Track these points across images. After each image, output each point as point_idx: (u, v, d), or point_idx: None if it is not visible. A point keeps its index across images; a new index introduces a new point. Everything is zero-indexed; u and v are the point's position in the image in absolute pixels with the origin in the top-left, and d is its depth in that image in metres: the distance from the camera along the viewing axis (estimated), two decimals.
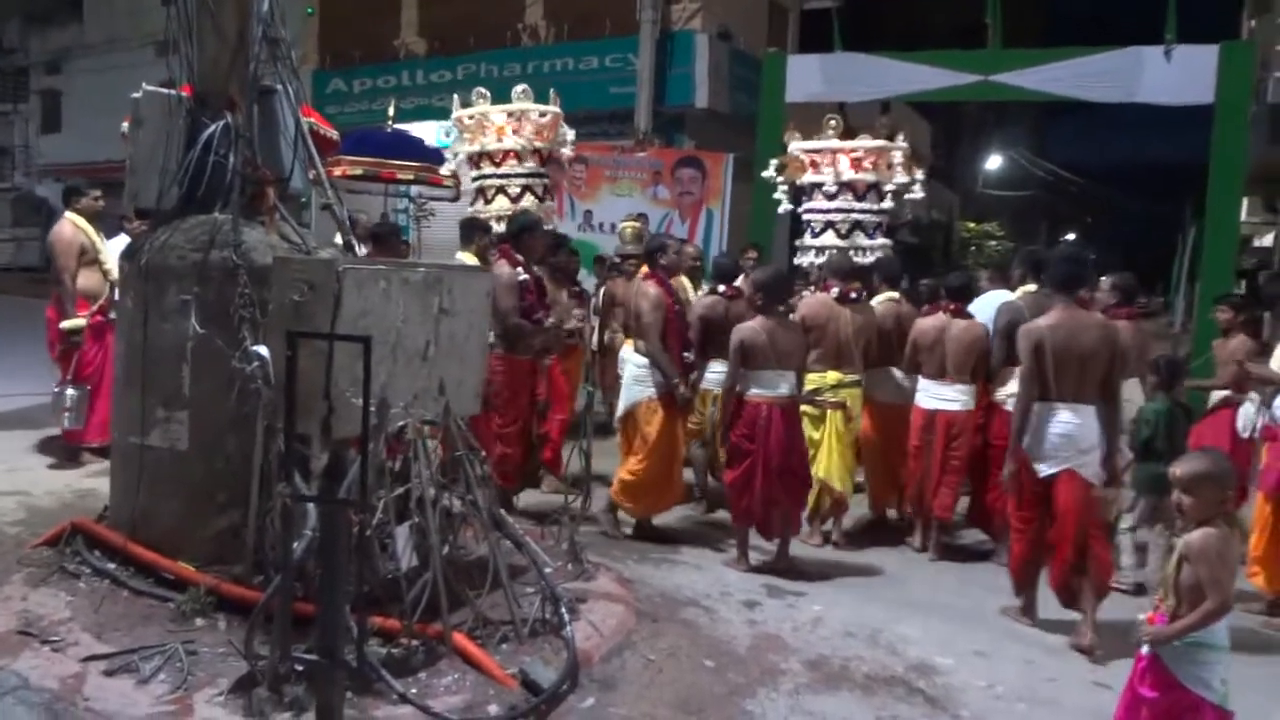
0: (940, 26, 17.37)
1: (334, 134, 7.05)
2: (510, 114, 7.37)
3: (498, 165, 7.36)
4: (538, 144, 7.36)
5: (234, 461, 4.07)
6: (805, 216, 7.41)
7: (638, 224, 8.68)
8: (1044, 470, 4.63)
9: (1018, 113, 29.07)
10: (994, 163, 27.67)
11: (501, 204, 7.31)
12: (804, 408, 5.76)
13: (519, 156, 7.35)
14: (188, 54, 4.44)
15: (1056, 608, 4.76)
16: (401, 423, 3.62)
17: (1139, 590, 5.34)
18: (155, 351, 4.30)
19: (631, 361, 5.91)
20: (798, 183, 7.27)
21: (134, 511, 4.38)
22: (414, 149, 9.56)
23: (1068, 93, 11.82)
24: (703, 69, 15.76)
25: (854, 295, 6.27)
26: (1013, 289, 6.38)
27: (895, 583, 5.51)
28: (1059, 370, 4.59)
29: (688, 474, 6.63)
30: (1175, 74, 11.17)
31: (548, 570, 3.98)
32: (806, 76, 13.44)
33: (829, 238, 6.99)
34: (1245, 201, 17.02)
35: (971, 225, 25.30)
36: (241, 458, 3.99)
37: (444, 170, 8.20)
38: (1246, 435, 5.89)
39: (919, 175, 7.36)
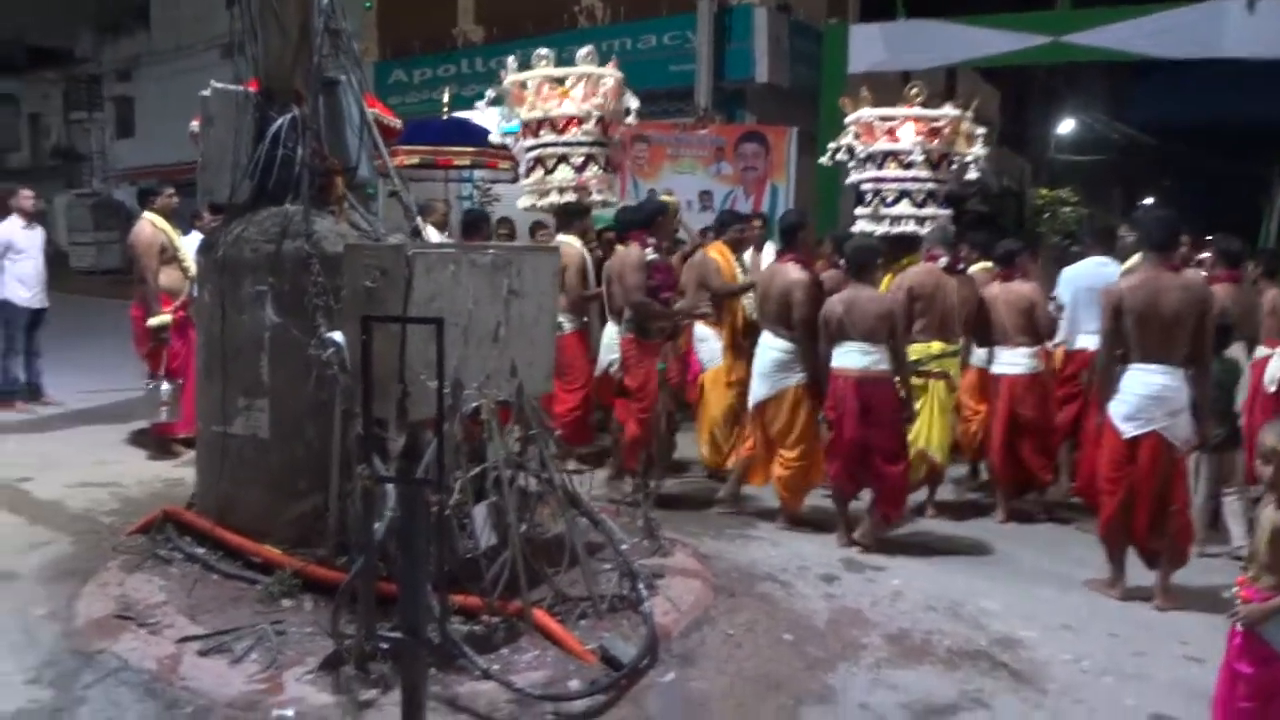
0: None
1: (397, 123, 7.09)
2: (573, 78, 7.06)
3: (560, 132, 7.05)
4: (598, 111, 7.06)
5: (314, 447, 4.16)
6: (871, 186, 7.22)
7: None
8: (1129, 431, 4.53)
9: (1091, 74, 28.16)
10: (1067, 127, 26.88)
11: (564, 174, 7.05)
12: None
13: (582, 122, 7.04)
14: (253, 51, 4.52)
15: (1145, 575, 4.64)
16: (475, 403, 3.64)
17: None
18: (234, 342, 4.41)
19: (774, 348, 5.68)
20: (865, 151, 7.06)
21: (220, 498, 4.52)
22: (470, 134, 9.60)
23: (1144, 50, 11.43)
24: (762, 43, 15.55)
25: (960, 266, 6.30)
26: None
27: (978, 553, 5.42)
28: (1142, 331, 4.48)
29: None
30: (1260, 26, 10.73)
31: (624, 547, 3.99)
32: (869, 46, 13.24)
33: (904, 207, 6.82)
34: None
35: (1045, 192, 24.62)
36: (321, 443, 4.06)
37: (494, 139, 8.02)
38: (1272, 389, 5.89)
39: (979, 148, 7.23)
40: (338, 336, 3.78)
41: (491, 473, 3.63)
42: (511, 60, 7.38)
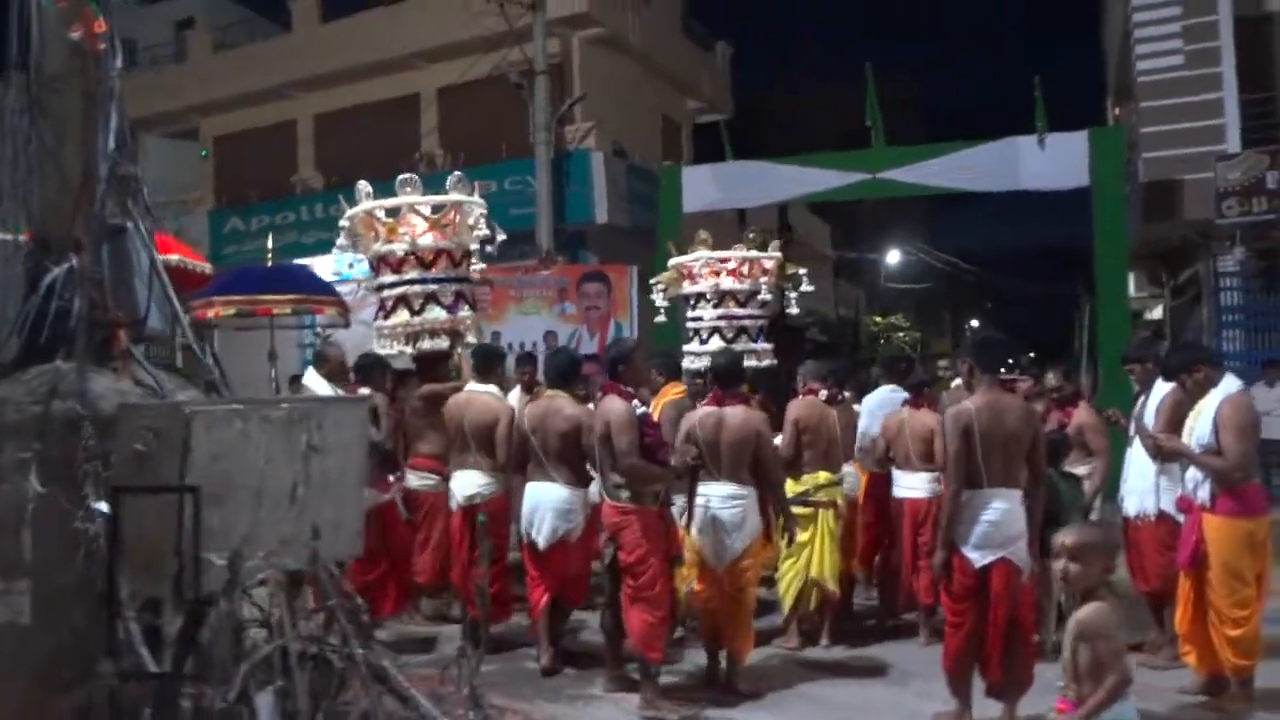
0: (827, 132, 18.10)
1: (206, 267, 6.73)
2: (446, 208, 6.51)
3: (428, 268, 6.49)
4: (474, 243, 6.60)
5: (81, 633, 3.66)
6: (690, 325, 7.46)
7: None
8: (980, 560, 4.48)
9: (911, 207, 30.14)
10: (894, 257, 28.52)
11: (435, 314, 6.45)
12: (795, 508, 5.69)
13: (453, 256, 6.53)
14: (25, 197, 4.19)
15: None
16: (261, 575, 3.29)
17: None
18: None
19: (731, 496, 5.20)
20: (681, 293, 7.34)
21: None
22: (294, 281, 9.30)
23: (951, 185, 12.23)
24: (600, 186, 15.96)
25: (840, 397, 6.42)
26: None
27: (830, 690, 5.23)
28: (988, 454, 4.48)
29: None
30: (1050, 161, 11.66)
31: None
32: (702, 186, 13.73)
33: (715, 343, 7.03)
34: (1132, 277, 17.70)
35: (879, 319, 25.87)
36: (89, 628, 3.58)
37: (347, 290, 7.51)
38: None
39: (804, 279, 7.50)
40: (105, 508, 3.38)
41: (278, 653, 3.25)
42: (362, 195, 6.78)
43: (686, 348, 7.25)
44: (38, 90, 4.14)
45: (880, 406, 6.83)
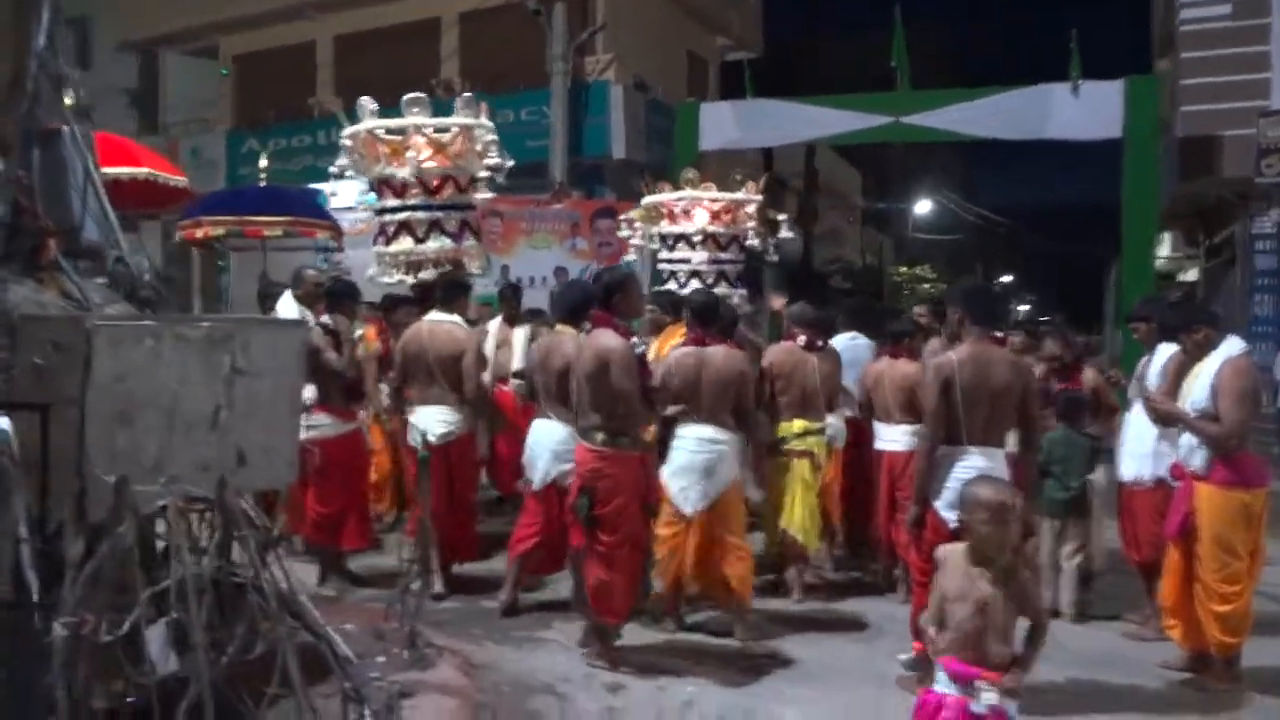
0: (859, 76, 17.50)
1: (181, 181, 6.49)
2: (453, 130, 6.15)
3: (432, 193, 6.18)
4: (484, 170, 6.30)
5: None
6: (666, 267, 7.16)
7: None
8: (953, 520, 4.23)
9: (944, 156, 29.39)
10: (924, 207, 27.87)
11: (440, 244, 6.19)
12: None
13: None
14: None
15: None
16: (162, 501, 3.10)
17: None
18: None
19: (710, 440, 4.96)
20: (658, 232, 7.05)
21: None
22: (285, 202, 9.06)
23: (977, 132, 11.77)
24: (618, 119, 15.54)
25: (820, 343, 6.13)
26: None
27: (797, 647, 5.00)
28: (970, 410, 4.21)
29: None
30: (1082, 109, 11.18)
31: (352, 665, 3.44)
32: (721, 123, 13.36)
33: (694, 286, 6.74)
34: (1169, 238, 17.11)
35: (904, 269, 25.37)
36: None
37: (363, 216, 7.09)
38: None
39: (783, 225, 7.19)
40: (4, 423, 3.19)
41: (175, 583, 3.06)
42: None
43: (658, 289, 6.96)
44: None
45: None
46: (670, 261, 7.15)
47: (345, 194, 13.43)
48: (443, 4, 17.76)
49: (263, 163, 10.27)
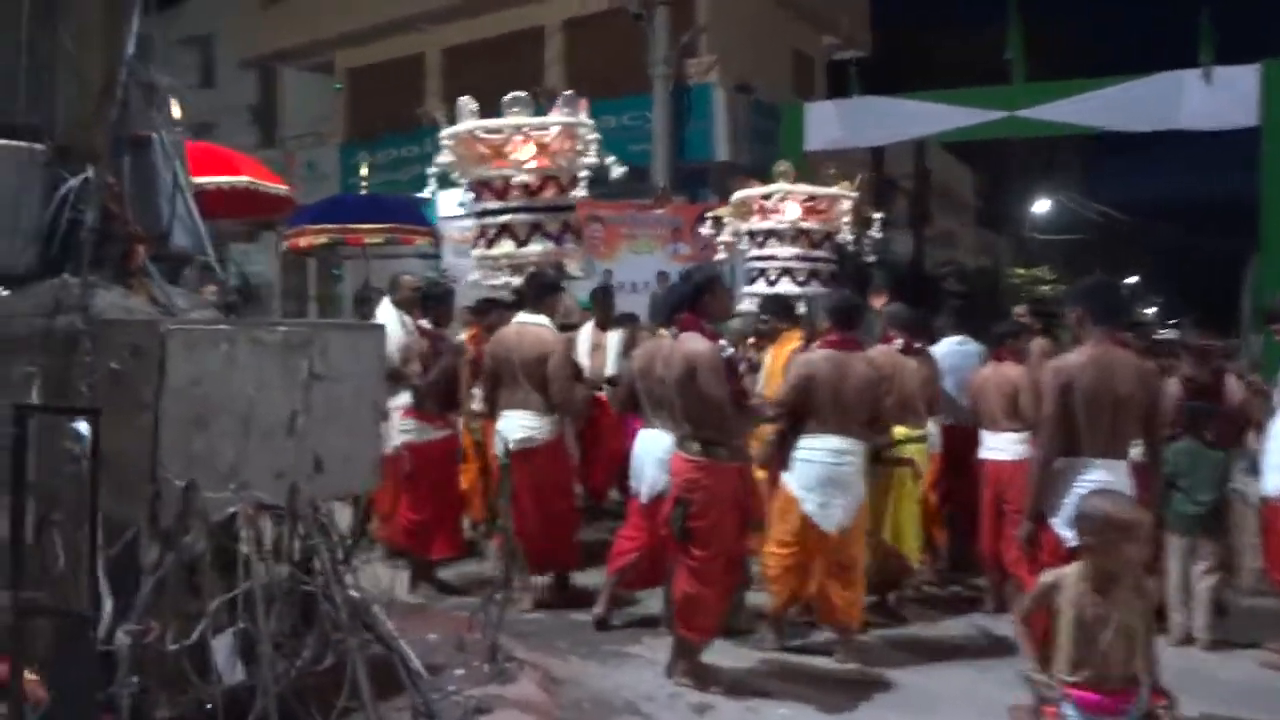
0: (972, 73, 16.83)
1: (282, 190, 6.57)
2: (554, 130, 6.07)
3: (533, 195, 6.13)
4: (586, 171, 6.17)
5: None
6: (756, 264, 6.87)
7: None
8: (1072, 539, 3.88)
9: (1064, 152, 28.16)
10: (1042, 206, 26.74)
11: (541, 247, 6.13)
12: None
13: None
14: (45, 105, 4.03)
15: None
16: (232, 508, 3.05)
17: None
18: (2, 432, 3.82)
19: (841, 451, 4.72)
20: (747, 229, 6.79)
21: None
22: (386, 211, 9.15)
23: (1100, 123, 11.16)
24: (722, 123, 15.39)
25: (918, 346, 5.90)
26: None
27: (899, 670, 4.70)
28: (1090, 418, 3.88)
29: None
30: (1216, 97, 10.46)
31: (424, 679, 3.34)
32: (826, 123, 13.04)
33: (785, 284, 6.46)
34: None
35: (1021, 270, 24.38)
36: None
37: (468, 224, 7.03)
38: None
39: (876, 223, 6.87)
40: (83, 426, 3.19)
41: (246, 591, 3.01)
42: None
43: (747, 289, 6.71)
44: None
45: (944, 359, 6.21)
46: (760, 259, 6.87)
47: (448, 202, 13.59)
48: (546, 12, 17.90)
49: (363, 172, 10.42)
